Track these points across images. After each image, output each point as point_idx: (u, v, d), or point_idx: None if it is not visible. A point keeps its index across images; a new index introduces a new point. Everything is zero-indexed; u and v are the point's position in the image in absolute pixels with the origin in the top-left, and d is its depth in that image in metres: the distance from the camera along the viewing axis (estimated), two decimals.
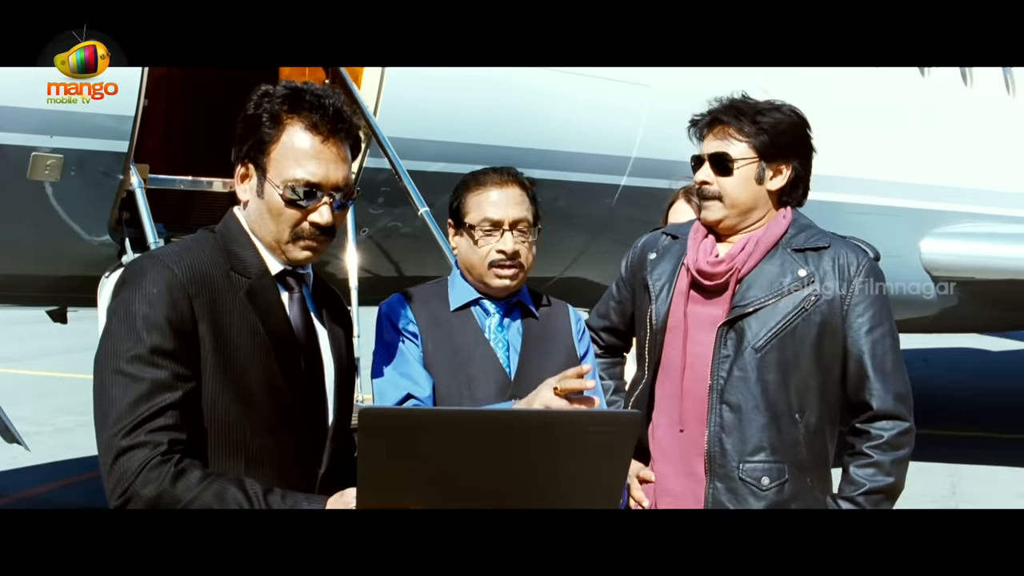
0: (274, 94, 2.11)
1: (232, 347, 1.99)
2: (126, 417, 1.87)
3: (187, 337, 1.94)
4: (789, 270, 2.60)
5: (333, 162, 2.08)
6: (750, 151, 2.63)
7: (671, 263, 2.74)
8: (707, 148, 2.68)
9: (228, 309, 2.01)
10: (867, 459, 2.54)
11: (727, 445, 2.56)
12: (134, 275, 1.98)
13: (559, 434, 1.75)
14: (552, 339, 2.61)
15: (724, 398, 2.58)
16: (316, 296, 2.22)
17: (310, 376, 2.14)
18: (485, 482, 1.73)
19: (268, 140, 2.07)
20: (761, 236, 2.65)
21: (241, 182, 2.12)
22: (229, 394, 1.98)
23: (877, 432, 2.55)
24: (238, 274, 2.06)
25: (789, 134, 2.66)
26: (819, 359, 2.58)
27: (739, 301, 2.60)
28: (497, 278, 2.52)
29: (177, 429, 1.89)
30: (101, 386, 1.92)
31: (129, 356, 1.90)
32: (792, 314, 2.56)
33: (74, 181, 4.21)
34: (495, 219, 2.51)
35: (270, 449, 2.04)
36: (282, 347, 2.07)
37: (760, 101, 2.69)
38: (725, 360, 2.59)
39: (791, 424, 2.56)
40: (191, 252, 2.04)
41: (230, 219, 2.15)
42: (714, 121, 2.68)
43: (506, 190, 2.53)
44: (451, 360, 2.51)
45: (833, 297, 2.57)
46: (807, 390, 2.57)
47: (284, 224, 2.07)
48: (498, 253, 2.51)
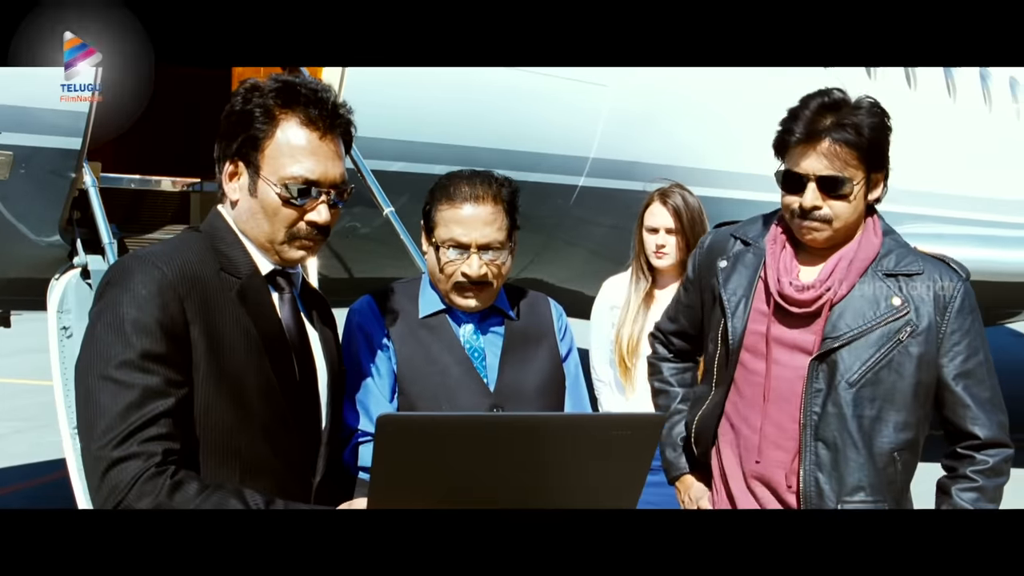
0: (265, 88, 2.02)
1: (226, 350, 1.91)
2: (116, 427, 1.77)
3: (179, 341, 1.85)
4: (883, 297, 2.44)
5: (330, 159, 2.01)
6: (861, 170, 2.42)
7: (746, 275, 2.56)
8: (812, 167, 2.40)
9: (220, 311, 1.92)
10: (972, 483, 2.45)
11: (824, 485, 2.44)
12: (121, 276, 1.88)
13: (582, 438, 1.72)
14: (532, 342, 2.50)
15: (819, 435, 2.44)
16: (304, 296, 2.14)
17: (304, 380, 2.06)
18: (503, 486, 1.69)
19: (261, 136, 1.98)
20: (853, 257, 2.47)
21: (229, 180, 2.03)
22: (224, 400, 1.89)
23: (983, 458, 2.46)
24: (228, 274, 1.98)
25: (886, 139, 2.45)
26: (916, 392, 2.45)
27: (831, 332, 2.44)
28: (461, 298, 2.41)
29: (171, 438, 1.80)
30: (87, 394, 1.81)
31: (118, 361, 1.80)
32: (888, 346, 2.42)
33: (23, 179, 4.05)
34: (462, 242, 2.37)
35: (266, 457, 1.96)
36: (276, 350, 1.99)
37: (848, 100, 2.42)
38: (818, 394, 2.44)
39: (889, 462, 2.45)
40: (180, 252, 1.95)
41: (216, 218, 2.06)
42: (822, 134, 2.39)
43: (479, 208, 2.36)
44: (426, 370, 2.40)
45: (930, 326, 2.44)
46: (906, 426, 2.46)
47: (280, 223, 1.99)
48: (462, 276, 2.38)
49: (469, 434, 1.67)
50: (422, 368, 2.39)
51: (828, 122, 2.39)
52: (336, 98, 2.04)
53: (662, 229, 3.78)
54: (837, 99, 2.42)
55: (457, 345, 2.43)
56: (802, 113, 2.42)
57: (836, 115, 2.39)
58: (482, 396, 2.38)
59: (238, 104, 2.01)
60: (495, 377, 2.42)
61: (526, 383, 2.44)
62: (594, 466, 1.72)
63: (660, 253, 3.80)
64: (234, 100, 2.03)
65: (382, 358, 2.40)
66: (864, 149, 2.40)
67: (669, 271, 3.84)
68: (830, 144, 2.38)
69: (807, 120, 2.40)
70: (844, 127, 2.38)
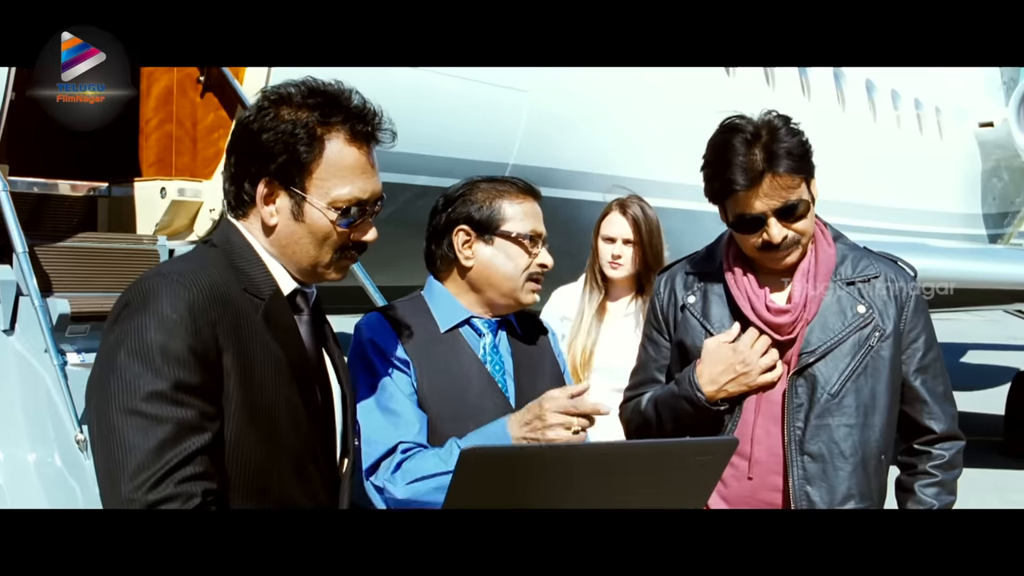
0: (296, 100, 1.84)
1: (256, 379, 1.75)
2: (150, 466, 1.59)
3: (212, 369, 1.69)
4: (848, 306, 2.50)
5: (375, 174, 1.88)
6: (804, 184, 2.45)
7: (722, 304, 2.55)
8: (766, 205, 2.41)
9: (250, 336, 1.76)
10: (933, 478, 2.53)
11: (814, 497, 2.45)
12: (144, 298, 1.70)
13: (663, 465, 1.74)
14: (536, 357, 2.47)
15: (805, 449, 2.46)
16: (315, 316, 1.98)
17: (326, 409, 1.91)
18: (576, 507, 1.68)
19: (308, 160, 1.81)
20: (816, 271, 2.52)
21: (266, 204, 1.85)
22: (254, 434, 1.74)
23: (939, 452, 2.55)
24: (251, 295, 1.81)
25: (809, 146, 2.50)
26: (892, 392, 2.52)
27: (805, 347, 2.48)
28: (532, 292, 2.40)
29: (209, 477, 1.64)
30: (111, 431, 1.63)
31: (146, 393, 1.62)
32: (861, 353, 2.48)
33: None
34: (541, 232, 2.39)
35: (295, 495, 1.81)
36: (304, 378, 1.85)
37: (760, 126, 2.42)
38: (799, 409, 2.46)
39: (878, 466, 2.51)
40: (206, 270, 1.77)
41: (231, 232, 1.88)
42: (763, 174, 2.39)
43: (537, 204, 2.43)
44: (448, 388, 2.31)
45: (895, 328, 2.51)
46: (889, 427, 2.52)
47: (329, 247, 1.85)
48: (539, 267, 2.38)
49: (552, 464, 1.66)
50: (444, 384, 2.31)
51: (760, 157, 2.39)
52: (377, 108, 1.89)
53: (619, 239, 3.73)
54: (754, 129, 2.41)
55: (477, 360, 2.36)
56: (734, 159, 2.39)
57: (762, 147, 2.39)
58: (506, 412, 2.30)
59: (268, 120, 1.83)
60: (514, 392, 2.37)
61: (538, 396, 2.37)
62: (668, 488, 1.76)
63: (615, 263, 3.74)
64: (260, 114, 1.85)
65: (399, 373, 2.30)
66: (800, 169, 2.43)
67: (623, 283, 3.79)
68: (772, 179, 2.39)
69: (742, 165, 2.38)
70: (778, 157, 2.39)
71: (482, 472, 1.58)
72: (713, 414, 2.48)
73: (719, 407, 2.48)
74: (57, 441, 3.58)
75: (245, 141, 1.86)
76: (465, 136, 5.55)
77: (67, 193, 4.56)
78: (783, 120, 2.46)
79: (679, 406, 2.52)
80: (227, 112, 4.47)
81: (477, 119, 5.60)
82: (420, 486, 2.16)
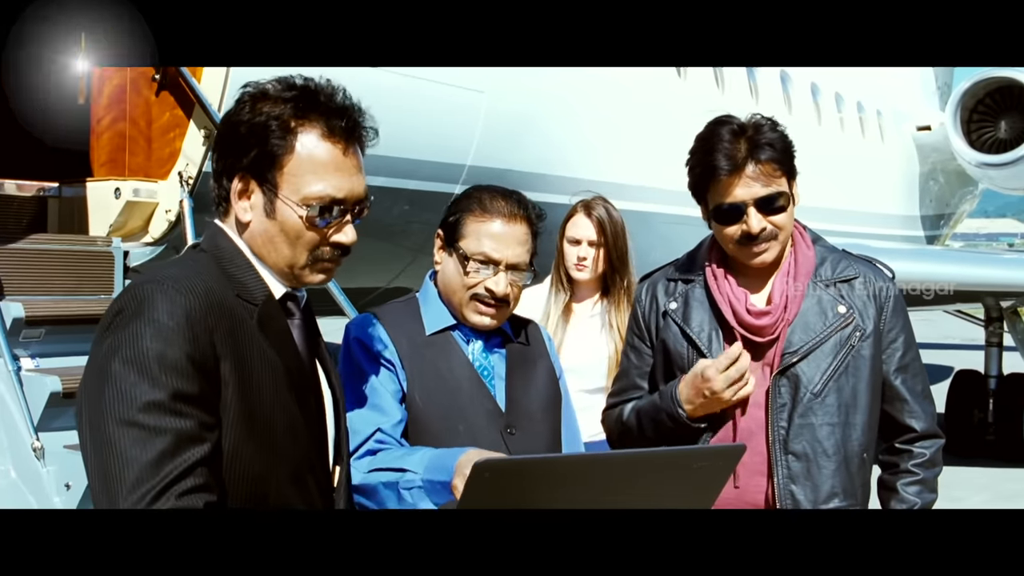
0: (274, 94, 1.80)
1: (255, 387, 1.70)
2: (150, 479, 1.54)
3: (210, 378, 1.64)
4: (829, 307, 2.53)
5: (355, 173, 1.82)
6: (786, 179, 2.49)
7: (704, 310, 2.56)
8: (746, 194, 2.44)
9: (246, 344, 1.71)
10: (914, 477, 2.56)
11: (799, 496, 2.47)
12: (138, 304, 1.64)
13: (667, 471, 1.75)
14: (531, 362, 2.48)
15: (789, 448, 2.48)
16: (307, 320, 1.93)
17: (319, 417, 1.87)
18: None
19: (280, 152, 1.76)
20: (796, 272, 2.54)
21: (240, 199, 1.80)
22: (252, 444, 1.69)
23: (920, 451, 2.57)
24: (244, 300, 1.76)
25: (792, 146, 2.54)
26: (874, 391, 2.54)
27: (787, 347, 2.50)
28: (477, 314, 2.35)
29: (209, 489, 1.59)
30: (106, 443, 1.57)
31: (144, 403, 1.57)
32: (843, 353, 2.50)
33: None
34: (493, 258, 2.32)
35: (291, 504, 1.76)
36: (299, 385, 1.80)
37: (746, 123, 2.48)
38: (782, 409, 2.48)
39: (860, 464, 2.52)
40: (200, 275, 1.71)
41: (219, 236, 1.83)
42: (746, 162, 2.43)
43: (512, 227, 2.34)
44: (438, 389, 2.32)
45: (875, 327, 2.54)
46: (870, 426, 2.54)
47: (303, 247, 1.79)
48: (486, 290, 2.33)
49: (563, 474, 1.65)
50: (432, 386, 2.32)
51: (744, 147, 2.44)
52: (357, 103, 1.85)
53: (584, 241, 3.72)
54: (741, 123, 2.48)
55: (467, 363, 2.37)
56: (719, 146, 2.45)
57: (747, 139, 2.45)
58: (495, 415, 2.34)
59: (245, 113, 1.79)
60: (504, 396, 2.37)
61: (533, 402, 2.42)
62: (674, 495, 1.76)
63: (581, 265, 3.73)
64: (239, 107, 1.81)
65: (387, 374, 2.31)
66: (783, 161, 2.48)
67: (588, 284, 3.78)
68: (755, 166, 2.44)
69: (726, 152, 2.43)
70: (761, 147, 2.44)
71: (495, 483, 1.57)
72: (693, 429, 2.50)
73: (699, 424, 2.50)
74: (11, 450, 3.49)
75: (225, 135, 1.82)
76: (422, 137, 5.50)
77: (13, 193, 4.44)
78: (769, 121, 2.52)
79: (660, 419, 2.54)
80: (183, 111, 4.37)
81: (434, 120, 5.55)
82: (372, 477, 2.17)
